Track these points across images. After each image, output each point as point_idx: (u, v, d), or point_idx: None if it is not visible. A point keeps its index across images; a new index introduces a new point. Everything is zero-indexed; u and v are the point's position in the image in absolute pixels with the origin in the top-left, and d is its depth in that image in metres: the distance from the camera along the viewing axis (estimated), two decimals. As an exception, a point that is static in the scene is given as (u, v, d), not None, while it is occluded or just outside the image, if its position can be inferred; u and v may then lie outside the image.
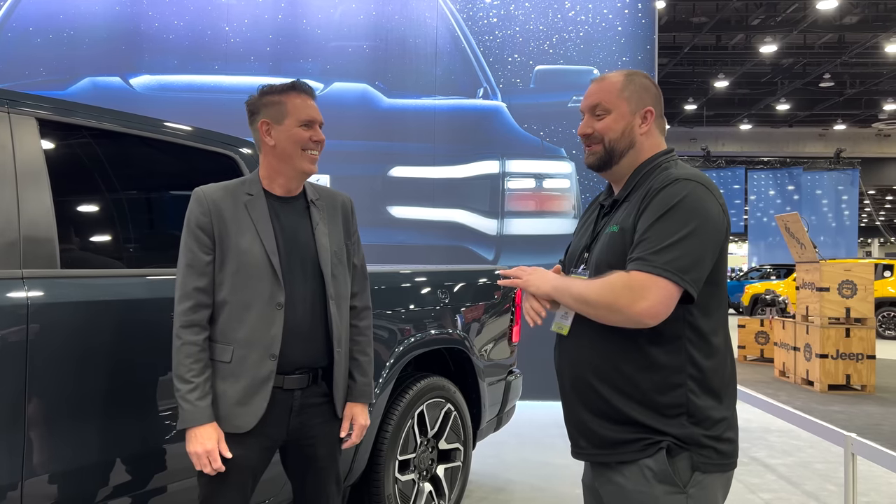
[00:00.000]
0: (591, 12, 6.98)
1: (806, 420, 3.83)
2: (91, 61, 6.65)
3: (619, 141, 1.68)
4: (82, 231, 2.24)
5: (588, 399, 1.64)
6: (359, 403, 2.19)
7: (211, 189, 2.01)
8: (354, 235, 2.23)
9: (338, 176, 6.67)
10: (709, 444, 1.57)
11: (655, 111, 1.71)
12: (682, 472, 1.56)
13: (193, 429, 1.89)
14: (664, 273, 1.50)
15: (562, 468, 4.60)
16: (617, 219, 1.66)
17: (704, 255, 1.53)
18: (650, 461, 1.57)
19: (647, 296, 1.49)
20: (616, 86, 1.69)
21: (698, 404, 1.57)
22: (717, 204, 1.57)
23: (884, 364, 9.83)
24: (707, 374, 1.58)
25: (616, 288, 1.52)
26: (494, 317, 3.79)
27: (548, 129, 6.93)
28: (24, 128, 2.02)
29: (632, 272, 1.52)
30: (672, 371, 1.57)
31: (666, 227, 1.53)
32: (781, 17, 15.48)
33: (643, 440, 1.57)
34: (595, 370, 1.63)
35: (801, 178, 21.43)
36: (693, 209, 1.54)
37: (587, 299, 1.56)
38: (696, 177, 1.59)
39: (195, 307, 1.93)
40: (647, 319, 1.51)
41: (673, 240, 1.51)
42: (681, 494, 1.55)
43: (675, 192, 1.56)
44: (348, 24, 7.02)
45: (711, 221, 1.55)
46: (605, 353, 1.61)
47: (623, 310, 1.51)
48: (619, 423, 1.60)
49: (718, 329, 1.62)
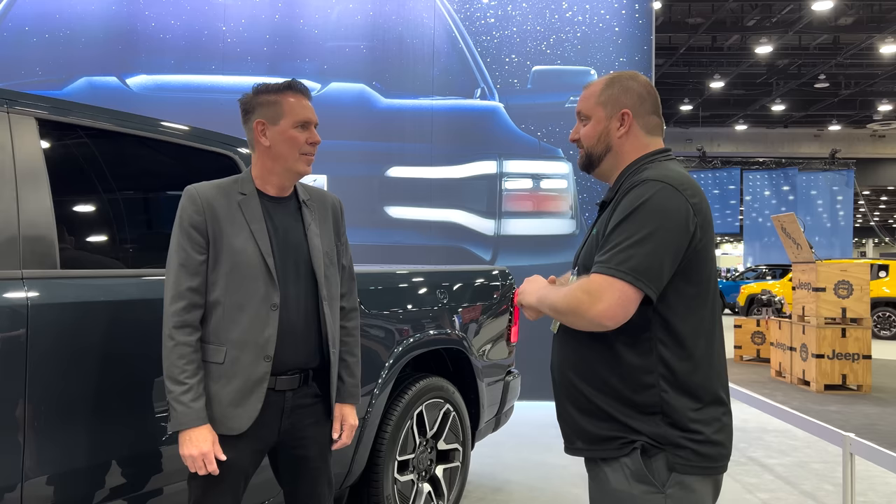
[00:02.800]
0: (588, 13, 6.99)
1: (804, 420, 3.84)
2: (87, 61, 6.63)
3: (595, 146, 1.74)
4: (82, 231, 2.23)
5: (572, 395, 1.68)
6: (348, 404, 2.19)
7: (204, 187, 1.98)
8: (343, 236, 2.23)
9: (335, 176, 6.66)
10: (686, 444, 1.56)
11: (636, 112, 1.71)
12: (658, 472, 1.56)
13: (187, 431, 1.87)
14: (618, 274, 1.50)
15: (560, 468, 4.60)
16: (599, 222, 1.70)
17: (664, 257, 1.52)
18: (627, 460, 1.58)
19: (602, 298, 1.50)
20: (594, 93, 1.75)
21: (673, 405, 1.56)
22: (684, 204, 1.55)
23: (879, 364, 9.86)
24: (681, 375, 1.57)
25: (576, 293, 1.55)
26: (493, 317, 3.79)
27: (545, 130, 6.94)
28: (24, 127, 2.01)
29: (591, 275, 1.55)
30: (642, 371, 1.58)
31: (625, 229, 1.54)
32: (777, 18, 15.52)
33: (620, 439, 1.59)
34: (574, 368, 1.67)
35: (797, 178, 21.50)
36: (654, 210, 1.53)
37: (556, 307, 1.61)
38: (666, 178, 1.57)
39: (188, 307, 1.90)
40: (605, 322, 1.52)
41: (630, 242, 1.52)
42: (658, 494, 1.55)
43: (640, 193, 1.56)
44: (345, 24, 7.02)
45: (674, 222, 1.53)
46: (581, 352, 1.66)
47: (583, 313, 1.53)
48: (601, 420, 1.62)
49: (699, 330, 1.60)
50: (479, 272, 3.94)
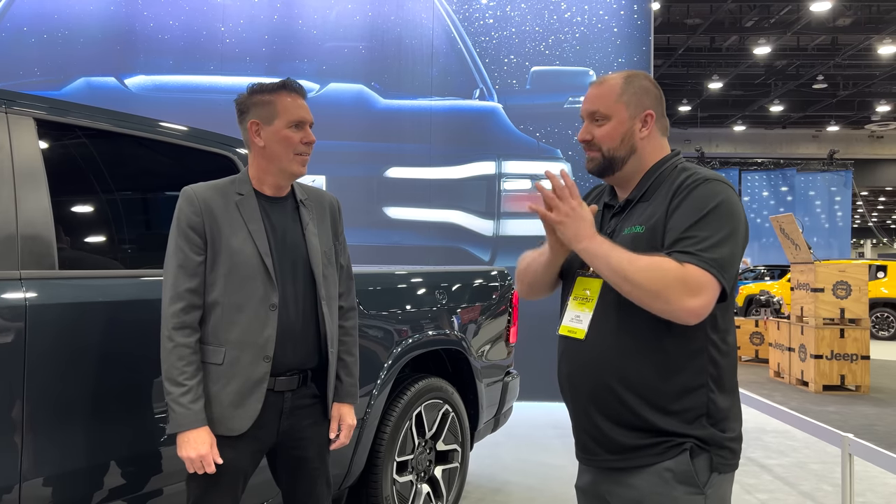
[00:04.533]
0: (586, 13, 6.99)
1: (803, 421, 3.84)
2: (86, 61, 6.62)
3: (618, 149, 1.64)
4: (80, 232, 2.23)
5: (608, 406, 1.59)
6: (346, 404, 2.18)
7: (201, 188, 1.98)
8: (341, 236, 2.22)
9: (334, 177, 6.66)
10: (726, 444, 1.58)
11: (656, 113, 1.67)
12: (701, 473, 1.56)
13: (186, 433, 1.86)
14: (716, 273, 1.48)
15: (559, 469, 4.60)
16: (637, 219, 1.61)
17: (739, 256, 1.55)
18: (671, 463, 1.55)
19: (700, 294, 1.46)
20: (615, 90, 1.65)
21: (718, 405, 1.58)
22: (741, 205, 1.60)
23: (878, 364, 9.86)
24: (724, 373, 1.59)
25: (669, 277, 1.45)
26: (492, 318, 3.79)
27: (544, 130, 6.94)
28: (22, 128, 2.01)
29: (686, 265, 1.47)
30: (694, 373, 1.56)
31: (711, 226, 1.51)
32: (775, 19, 15.53)
33: (664, 443, 1.56)
34: (619, 377, 1.57)
35: (795, 179, 21.52)
36: (732, 212, 1.55)
37: (630, 277, 1.48)
38: (725, 180, 1.60)
39: (187, 308, 1.90)
40: (693, 318, 1.48)
41: (715, 240, 1.50)
42: (699, 495, 1.55)
43: (712, 193, 1.55)
44: (344, 24, 7.01)
45: (744, 225, 1.57)
46: (628, 358, 1.57)
47: (672, 301, 1.45)
48: (639, 430, 1.57)
49: (730, 327, 1.63)
50: (478, 273, 3.94)
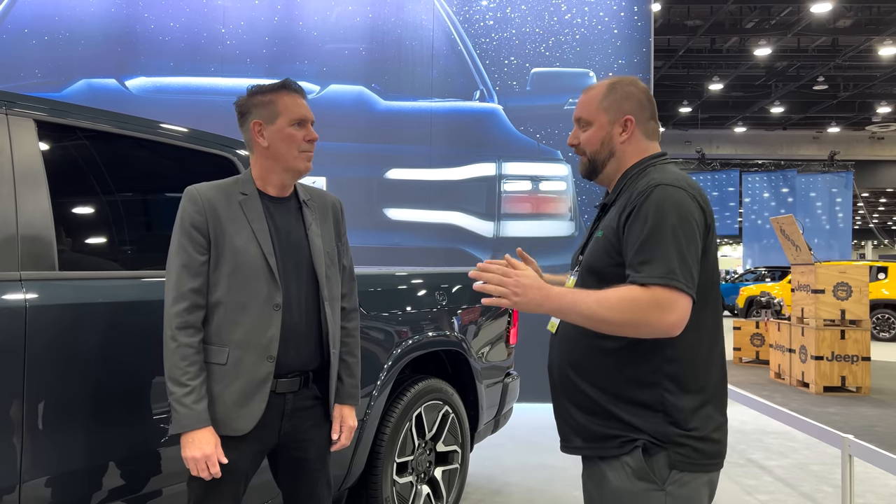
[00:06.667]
0: (587, 15, 7.00)
1: (803, 422, 3.83)
2: (86, 63, 6.63)
3: (598, 152, 1.75)
4: (81, 233, 2.23)
5: (572, 394, 1.69)
6: (347, 405, 2.18)
7: (204, 188, 1.98)
8: (344, 237, 2.23)
9: (334, 178, 6.66)
10: (686, 442, 1.59)
11: (637, 118, 1.73)
12: (659, 470, 1.59)
13: (190, 433, 1.85)
14: (682, 287, 1.52)
15: (559, 470, 4.60)
16: (603, 223, 1.71)
17: (692, 251, 1.57)
18: (629, 458, 1.61)
19: (675, 308, 1.52)
20: (596, 98, 1.75)
21: (675, 403, 1.59)
22: (698, 207, 1.61)
23: (878, 366, 9.86)
24: (685, 371, 1.61)
25: (642, 304, 1.52)
26: (492, 319, 3.79)
27: (544, 132, 6.94)
28: (22, 129, 2.01)
29: (651, 288, 1.52)
30: (647, 370, 1.60)
31: (656, 238, 1.55)
32: (775, 21, 15.54)
33: (621, 437, 1.61)
34: (575, 366, 1.68)
35: (796, 180, 21.48)
36: (672, 211, 1.56)
37: (606, 318, 1.54)
38: (676, 181, 1.61)
39: (190, 308, 1.90)
40: (677, 329, 1.54)
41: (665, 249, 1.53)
42: (659, 492, 1.59)
43: (655, 202, 1.58)
44: (344, 26, 7.02)
45: (696, 225, 1.59)
46: (582, 350, 1.67)
47: (653, 323, 1.52)
48: (602, 418, 1.64)
49: (701, 329, 1.63)
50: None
